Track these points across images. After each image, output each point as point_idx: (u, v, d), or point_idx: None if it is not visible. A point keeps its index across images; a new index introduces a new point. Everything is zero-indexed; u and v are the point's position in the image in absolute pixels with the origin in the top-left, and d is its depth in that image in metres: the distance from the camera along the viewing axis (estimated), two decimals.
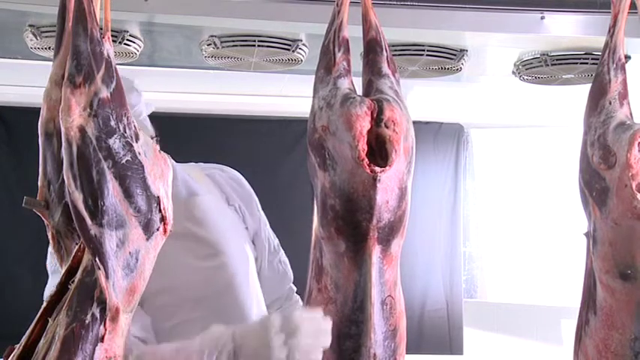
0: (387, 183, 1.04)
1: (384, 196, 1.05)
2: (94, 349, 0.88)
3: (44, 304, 0.91)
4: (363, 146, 1.03)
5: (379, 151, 1.06)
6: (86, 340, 0.88)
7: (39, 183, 0.96)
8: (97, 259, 0.90)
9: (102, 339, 0.89)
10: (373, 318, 1.06)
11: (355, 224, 1.06)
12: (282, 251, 1.71)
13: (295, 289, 1.69)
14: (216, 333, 1.32)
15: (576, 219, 1.32)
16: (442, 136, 4.63)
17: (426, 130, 4.56)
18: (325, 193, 1.08)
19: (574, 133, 1.48)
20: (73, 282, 0.91)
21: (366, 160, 1.03)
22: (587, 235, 1.03)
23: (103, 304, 0.90)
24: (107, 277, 0.90)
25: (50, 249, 1.51)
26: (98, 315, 0.89)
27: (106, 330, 0.90)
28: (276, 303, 1.66)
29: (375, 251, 1.07)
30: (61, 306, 0.89)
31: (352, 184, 1.05)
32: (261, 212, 1.67)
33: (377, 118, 1.06)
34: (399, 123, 1.05)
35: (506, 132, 4.88)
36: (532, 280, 5.21)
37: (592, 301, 0.99)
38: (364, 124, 1.05)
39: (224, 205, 1.57)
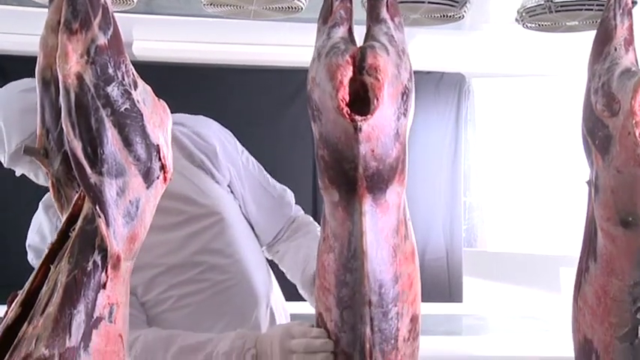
0: (371, 131, 1.03)
1: (368, 144, 1.04)
2: (96, 296, 0.89)
3: (46, 251, 0.91)
4: (343, 95, 1.02)
5: (366, 100, 1.05)
6: (88, 286, 0.88)
7: (37, 131, 0.96)
8: (97, 208, 0.90)
9: (104, 286, 0.90)
10: (366, 266, 1.06)
11: (344, 174, 1.06)
12: (271, 184, 1.67)
13: (300, 209, 1.68)
14: (238, 336, 1.35)
15: (577, 168, 1.32)
16: (444, 86, 4.60)
17: (427, 80, 4.52)
18: (316, 144, 1.08)
19: (577, 82, 1.46)
20: (73, 230, 0.91)
21: (346, 109, 1.02)
22: (588, 183, 1.02)
23: (104, 251, 0.90)
24: (108, 225, 0.90)
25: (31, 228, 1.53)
26: (99, 262, 0.90)
27: (107, 277, 0.90)
28: (281, 233, 1.65)
29: (367, 200, 1.07)
30: (63, 253, 0.90)
31: (336, 134, 1.04)
32: (237, 154, 1.61)
33: (359, 66, 1.05)
34: (383, 69, 1.04)
35: (509, 81, 4.85)
36: (532, 230, 5.24)
37: (592, 249, 0.99)
38: (345, 73, 1.04)
39: (187, 165, 1.52)
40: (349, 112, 1.02)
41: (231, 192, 1.59)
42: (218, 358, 1.34)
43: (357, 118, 1.01)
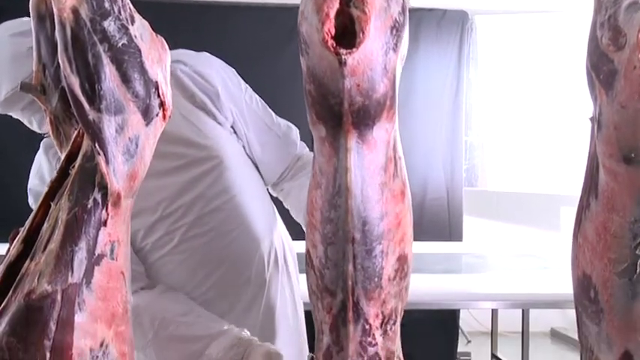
0: (356, 65, 1.01)
1: (354, 79, 1.02)
2: (97, 233, 0.89)
3: (46, 189, 0.91)
4: (328, 28, 1.00)
5: (354, 34, 1.03)
6: (89, 224, 0.88)
7: (33, 67, 0.94)
8: (96, 145, 0.89)
9: (104, 223, 0.90)
10: (350, 203, 1.05)
11: (329, 109, 1.05)
12: (276, 122, 1.65)
13: (305, 146, 1.67)
14: (231, 345, 1.37)
15: (580, 106, 1.31)
16: (446, 24, 4.53)
17: (429, 17, 4.45)
18: (304, 78, 1.07)
19: (581, 18, 1.44)
20: (73, 167, 0.90)
21: (331, 42, 1.00)
22: (592, 119, 1.01)
23: (104, 189, 0.90)
24: (107, 162, 0.90)
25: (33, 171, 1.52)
26: (100, 200, 0.90)
27: (108, 215, 0.90)
28: (286, 172, 1.65)
29: (352, 136, 1.05)
30: (63, 191, 0.89)
31: (321, 68, 1.03)
32: (241, 93, 1.59)
33: None
34: (370, 2, 1.01)
35: (512, 18, 4.78)
36: (532, 169, 5.24)
37: (594, 186, 0.99)
38: (331, 6, 1.01)
39: (187, 105, 1.50)
40: (334, 45, 1.00)
41: (234, 133, 1.58)
42: None
43: (342, 51, 1.00)
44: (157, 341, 1.41)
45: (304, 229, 1.51)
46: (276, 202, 1.69)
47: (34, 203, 1.52)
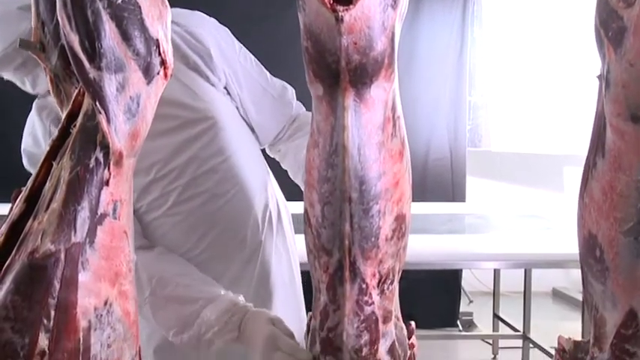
0: (353, 22, 1.00)
1: (351, 36, 1.00)
2: (99, 193, 0.89)
3: (47, 148, 0.90)
4: None
5: None
6: (91, 183, 0.88)
7: (32, 24, 0.93)
8: (97, 104, 0.88)
9: (107, 183, 0.89)
10: (346, 162, 1.05)
11: (327, 67, 1.03)
12: (271, 83, 1.64)
13: (301, 106, 1.66)
14: (227, 309, 1.38)
15: (584, 65, 1.29)
16: None
17: None
18: (302, 35, 1.05)
19: None
20: (74, 126, 0.89)
21: None
22: (599, 77, 1.00)
23: (106, 148, 0.89)
24: (109, 121, 0.89)
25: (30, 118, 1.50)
26: (102, 159, 0.89)
27: (110, 174, 0.90)
28: (282, 133, 1.64)
29: (349, 94, 1.04)
30: (64, 150, 0.89)
31: (318, 24, 1.01)
32: (235, 54, 1.57)
33: None
34: None
35: None
36: (536, 129, 5.22)
37: (600, 145, 0.98)
38: None
39: (180, 66, 1.47)
40: (331, 1, 0.98)
41: (228, 94, 1.57)
42: (200, 325, 1.38)
43: (339, 8, 0.98)
44: (153, 300, 1.42)
45: (303, 189, 1.51)
46: (271, 163, 1.68)
47: (28, 164, 1.52)
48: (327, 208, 1.07)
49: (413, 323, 1.23)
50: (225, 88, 1.55)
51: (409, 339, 1.21)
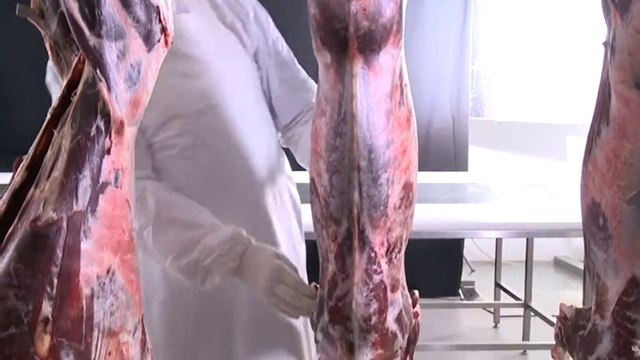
0: None
1: (360, 2, 1.00)
2: (101, 161, 0.88)
3: (48, 116, 0.90)
4: None
5: None
6: (92, 152, 0.88)
7: None
8: (97, 71, 0.87)
9: (108, 151, 0.89)
10: (355, 130, 1.04)
11: (334, 34, 1.03)
12: (297, 67, 1.66)
13: None
14: (231, 237, 1.38)
15: (587, 35, 1.28)
16: None
17: None
18: (309, 2, 1.04)
19: None
20: (74, 94, 0.89)
21: None
22: (605, 44, 0.99)
23: (107, 116, 0.89)
24: (109, 89, 0.88)
25: (49, 63, 1.49)
26: (103, 128, 0.89)
27: (111, 143, 0.89)
28: (299, 116, 1.64)
29: (357, 62, 1.03)
30: (65, 118, 0.88)
31: None
32: (269, 27, 1.62)
33: None
34: None
35: None
36: (539, 98, 5.20)
37: (605, 113, 0.97)
38: None
39: (218, 24, 1.52)
40: None
41: (256, 62, 1.57)
42: (201, 250, 1.37)
43: None
44: (157, 221, 1.41)
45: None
46: None
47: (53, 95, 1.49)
48: (336, 176, 1.07)
49: (417, 292, 1.23)
50: (255, 54, 1.58)
51: (413, 307, 1.21)
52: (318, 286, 1.22)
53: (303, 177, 1.76)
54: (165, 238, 1.42)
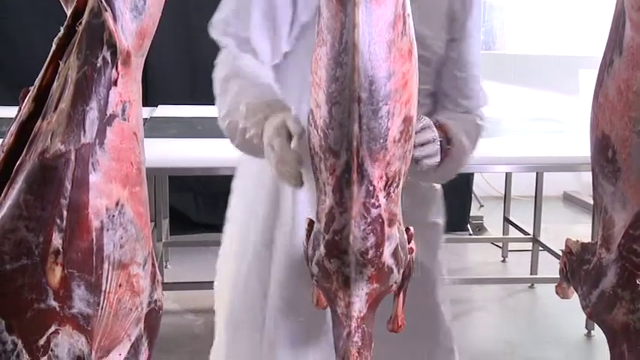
0: None
1: None
2: (107, 93, 0.88)
3: (53, 46, 0.89)
4: None
5: None
6: (99, 83, 0.87)
7: None
8: (102, 1, 0.86)
9: (115, 83, 0.88)
10: (357, 60, 1.03)
11: None
12: None
13: None
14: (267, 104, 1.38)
15: None
16: None
17: None
18: None
19: None
20: (80, 24, 0.88)
21: None
22: None
23: (113, 47, 0.88)
24: (115, 19, 0.87)
25: None
26: (109, 58, 0.88)
27: (118, 74, 0.89)
28: None
29: None
30: (71, 49, 0.87)
31: None
32: None
33: None
34: None
35: None
36: (552, 31, 5.11)
37: (618, 42, 0.96)
38: None
39: None
40: None
41: None
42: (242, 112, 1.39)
43: None
44: (229, 76, 1.48)
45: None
46: None
47: None
48: (335, 108, 1.06)
49: (412, 228, 1.22)
50: None
51: (408, 243, 1.21)
52: (312, 219, 1.22)
53: None
54: (224, 96, 1.47)
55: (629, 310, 1.01)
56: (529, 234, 3.99)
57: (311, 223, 1.22)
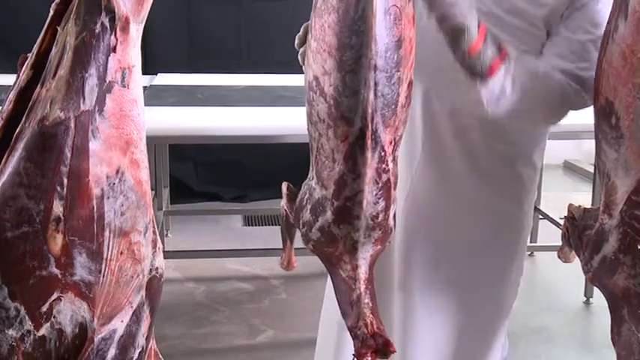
0: None
1: None
2: (106, 59, 0.87)
3: (51, 12, 0.88)
4: None
5: None
6: (98, 49, 0.86)
7: None
8: None
9: (114, 49, 0.87)
10: (374, 28, 1.03)
11: None
12: None
13: None
14: None
15: None
16: None
17: None
18: None
19: None
20: None
21: None
22: None
23: (111, 13, 0.87)
24: None
25: None
26: (108, 24, 0.87)
27: (117, 40, 0.88)
28: None
29: None
30: (69, 14, 0.86)
31: None
32: None
33: None
34: None
35: None
36: None
37: (624, 7, 0.95)
38: None
39: None
40: None
41: None
42: None
43: None
44: None
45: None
46: None
47: None
48: (350, 75, 1.06)
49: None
50: None
51: None
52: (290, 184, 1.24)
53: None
54: None
55: (630, 274, 1.01)
56: None
57: (289, 188, 1.24)
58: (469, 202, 1.45)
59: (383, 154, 1.09)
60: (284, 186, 1.29)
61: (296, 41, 1.28)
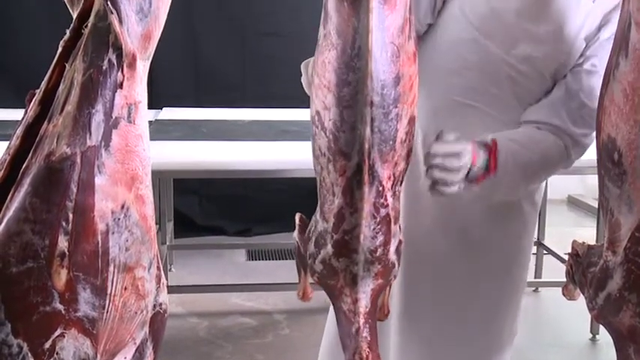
0: None
1: None
2: (113, 96, 0.88)
3: (59, 49, 0.89)
4: None
5: None
6: (105, 86, 0.87)
7: None
8: (108, 3, 0.86)
9: (120, 85, 0.88)
10: (370, 65, 1.05)
11: None
12: None
13: None
14: None
15: None
16: None
17: None
18: None
19: None
20: (86, 27, 0.88)
21: None
22: None
23: (118, 50, 0.88)
24: (121, 22, 0.87)
25: None
26: (115, 61, 0.88)
27: (124, 76, 0.89)
28: None
29: None
30: (77, 51, 0.87)
31: None
32: None
33: None
34: None
35: None
36: None
37: (625, 45, 0.96)
38: None
39: None
40: None
41: None
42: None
43: None
44: None
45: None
46: None
47: None
48: (347, 111, 1.08)
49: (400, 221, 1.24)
50: None
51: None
52: (302, 215, 1.25)
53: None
54: None
55: (635, 312, 1.00)
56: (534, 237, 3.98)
57: (302, 219, 1.25)
58: (468, 237, 1.45)
59: (381, 188, 1.10)
60: (297, 217, 1.30)
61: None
